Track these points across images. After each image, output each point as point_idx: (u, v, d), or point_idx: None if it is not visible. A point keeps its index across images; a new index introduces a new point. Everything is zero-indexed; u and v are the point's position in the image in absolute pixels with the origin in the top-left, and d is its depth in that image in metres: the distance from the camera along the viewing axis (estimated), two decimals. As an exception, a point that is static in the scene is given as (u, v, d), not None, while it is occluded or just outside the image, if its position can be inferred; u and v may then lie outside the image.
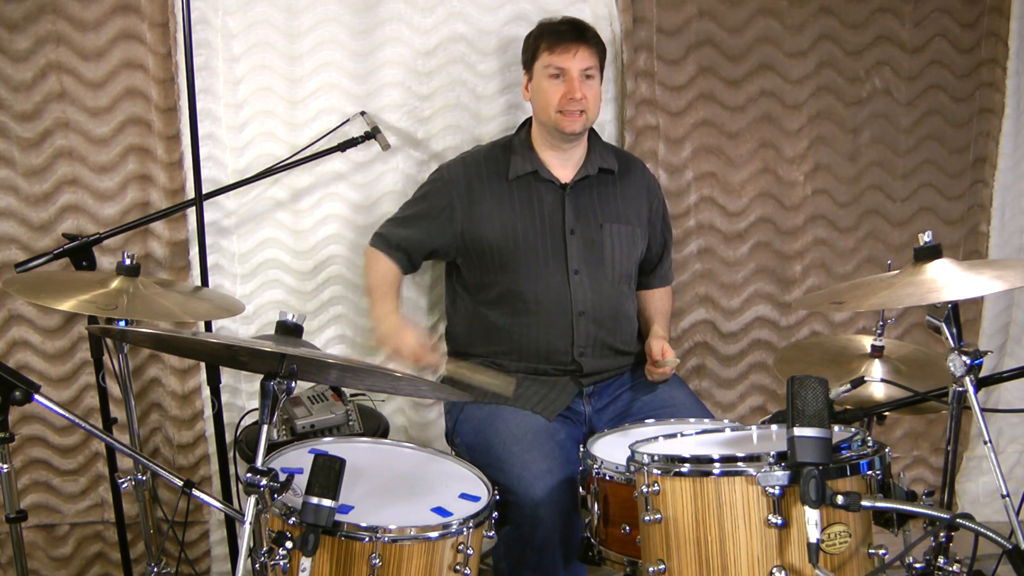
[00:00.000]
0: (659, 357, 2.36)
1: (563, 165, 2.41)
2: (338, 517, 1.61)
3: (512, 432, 2.20)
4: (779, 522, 1.53)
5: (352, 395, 2.51)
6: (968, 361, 1.70)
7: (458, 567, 1.72)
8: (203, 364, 2.61)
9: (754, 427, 1.92)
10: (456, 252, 2.42)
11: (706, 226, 2.93)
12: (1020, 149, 3.08)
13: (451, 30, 2.69)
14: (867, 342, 2.33)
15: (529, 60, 2.38)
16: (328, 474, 1.58)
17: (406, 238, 2.44)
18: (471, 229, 2.37)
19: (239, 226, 2.70)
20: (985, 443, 1.69)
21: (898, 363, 2.28)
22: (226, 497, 2.58)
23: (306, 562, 1.56)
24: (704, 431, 2.03)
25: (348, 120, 2.64)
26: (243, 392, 2.76)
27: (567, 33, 2.32)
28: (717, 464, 1.59)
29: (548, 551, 2.08)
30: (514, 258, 2.33)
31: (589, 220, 2.39)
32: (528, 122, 2.46)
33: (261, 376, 1.65)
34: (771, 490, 1.53)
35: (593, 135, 2.48)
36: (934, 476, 3.19)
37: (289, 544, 1.59)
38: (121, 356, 2.24)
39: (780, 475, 1.52)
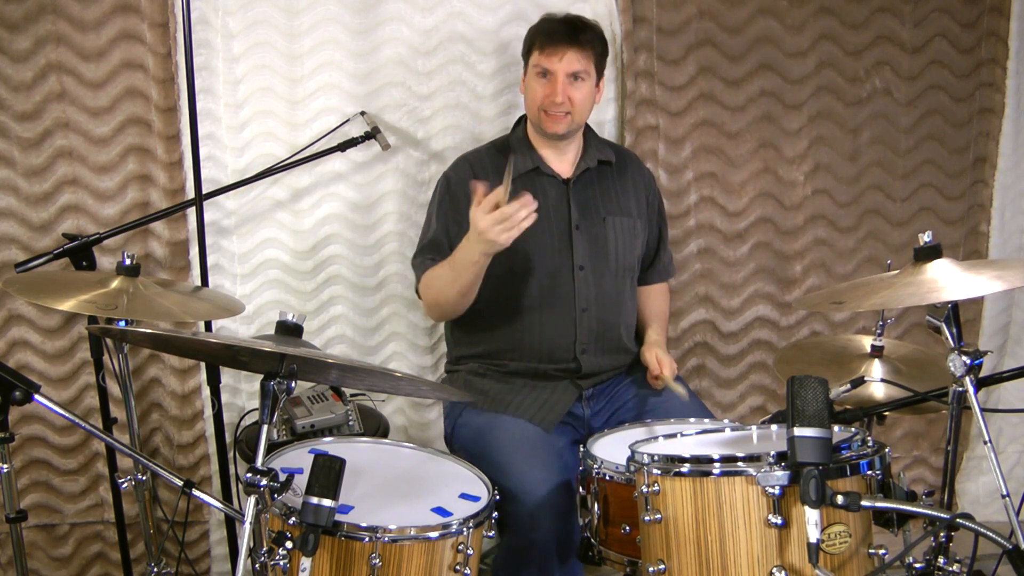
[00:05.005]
0: (656, 371, 2.34)
1: (561, 160, 2.40)
2: (338, 517, 1.61)
3: (511, 440, 2.20)
4: (779, 522, 1.53)
5: (352, 395, 2.50)
6: (968, 361, 1.70)
7: (458, 567, 1.72)
8: (203, 364, 2.61)
9: (754, 427, 1.91)
10: None
11: (706, 226, 2.93)
12: (1020, 149, 3.08)
13: (451, 30, 2.69)
14: (867, 342, 2.33)
15: (525, 54, 2.38)
16: (328, 474, 1.58)
17: (442, 253, 2.31)
18: None
19: (239, 226, 2.70)
20: (985, 443, 1.69)
21: (898, 363, 2.28)
22: (226, 497, 2.58)
23: (306, 562, 1.56)
24: (704, 431, 2.03)
25: (348, 120, 2.64)
26: (243, 392, 2.76)
27: (559, 34, 2.29)
28: (717, 464, 1.59)
29: (544, 555, 2.08)
30: (521, 256, 2.32)
31: (592, 214, 2.39)
32: (524, 119, 2.46)
33: (261, 376, 1.65)
34: (771, 490, 1.53)
35: (588, 130, 2.47)
36: (934, 476, 3.19)
37: (289, 544, 1.59)
38: (121, 356, 2.24)
39: (780, 475, 1.52)
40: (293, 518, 1.62)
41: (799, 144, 2.95)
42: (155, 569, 2.30)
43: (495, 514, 1.82)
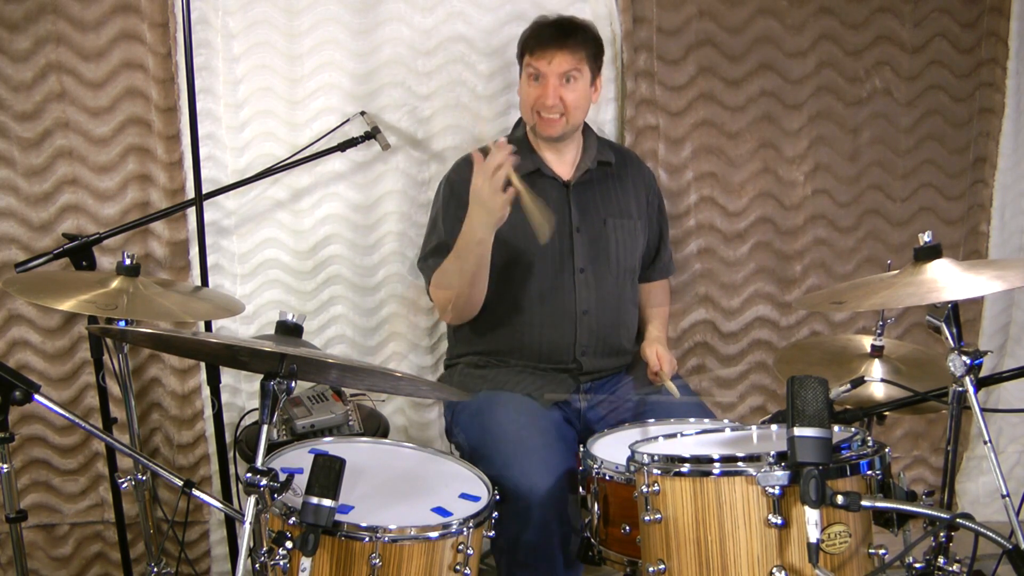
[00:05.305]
0: (656, 367, 2.35)
1: (561, 162, 2.41)
2: (338, 517, 1.61)
3: (508, 415, 2.22)
4: (779, 522, 1.53)
5: (352, 395, 2.50)
6: (968, 361, 1.70)
7: (458, 567, 1.72)
8: (203, 364, 2.61)
9: (754, 427, 1.91)
10: None
11: (706, 226, 2.93)
12: (1020, 149, 3.08)
13: (451, 30, 2.69)
14: (867, 342, 2.33)
15: (519, 57, 2.38)
16: (328, 474, 1.58)
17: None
18: None
19: (239, 226, 2.70)
20: (985, 443, 1.69)
21: (898, 363, 2.28)
22: (226, 497, 2.58)
23: (306, 562, 1.56)
24: (704, 431, 2.03)
25: (348, 120, 2.64)
26: (243, 392, 2.76)
27: (549, 37, 2.29)
28: (717, 464, 1.59)
29: (544, 544, 2.07)
30: (522, 258, 2.32)
31: (593, 216, 2.39)
32: (522, 120, 2.46)
33: (261, 376, 1.65)
34: (771, 490, 1.53)
35: (588, 130, 2.47)
36: (934, 476, 3.19)
37: (289, 544, 1.59)
38: (121, 356, 2.24)
39: (780, 475, 1.52)
40: (293, 518, 1.62)
41: (799, 144, 2.95)
42: (155, 569, 2.30)
43: (495, 514, 1.83)
